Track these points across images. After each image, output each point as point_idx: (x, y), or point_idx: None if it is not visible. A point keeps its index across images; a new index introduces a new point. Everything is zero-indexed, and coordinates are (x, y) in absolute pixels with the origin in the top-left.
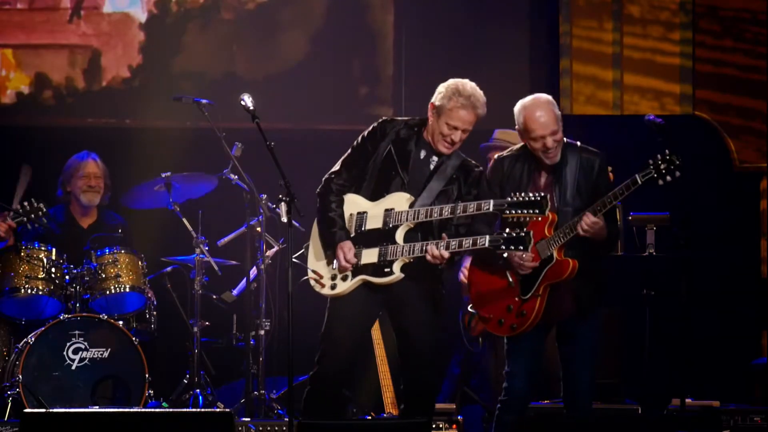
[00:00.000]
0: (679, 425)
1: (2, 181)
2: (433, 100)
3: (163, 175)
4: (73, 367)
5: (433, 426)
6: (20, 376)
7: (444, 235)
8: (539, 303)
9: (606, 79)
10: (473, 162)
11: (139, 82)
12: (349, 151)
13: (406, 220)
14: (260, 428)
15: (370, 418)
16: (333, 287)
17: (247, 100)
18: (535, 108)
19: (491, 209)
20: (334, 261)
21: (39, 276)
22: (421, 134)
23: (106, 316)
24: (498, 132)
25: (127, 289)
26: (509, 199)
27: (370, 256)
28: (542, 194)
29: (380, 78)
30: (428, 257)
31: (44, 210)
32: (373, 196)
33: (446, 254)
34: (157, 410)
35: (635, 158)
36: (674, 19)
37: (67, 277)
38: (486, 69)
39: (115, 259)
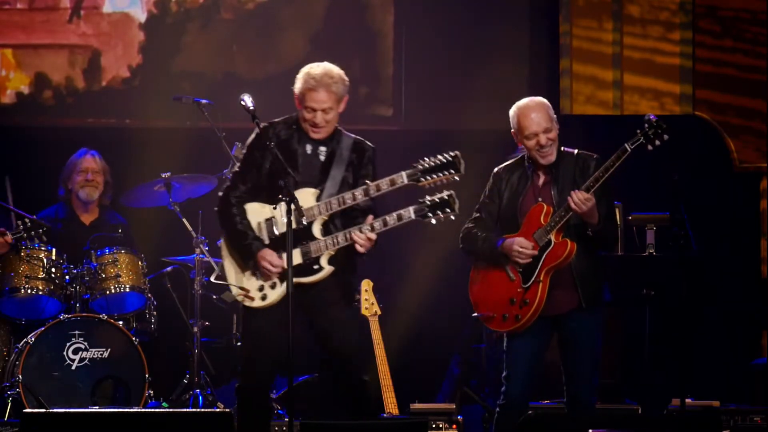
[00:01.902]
0: (679, 425)
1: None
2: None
3: (163, 175)
4: (73, 367)
5: (433, 426)
6: (20, 376)
7: (370, 216)
8: (541, 288)
9: (606, 79)
10: (366, 142)
11: (139, 82)
12: (239, 164)
13: (319, 214)
14: None
15: None
16: (264, 298)
17: (247, 100)
18: (528, 107)
19: (406, 182)
20: (258, 272)
21: (39, 276)
22: (300, 129)
23: (106, 316)
24: None
25: (127, 289)
26: (420, 166)
27: (293, 258)
28: (454, 153)
29: (380, 78)
30: (357, 245)
31: (45, 228)
32: (271, 201)
33: (373, 236)
34: (157, 410)
35: (635, 158)
36: (674, 19)
37: (67, 277)
38: (486, 69)
39: (115, 259)
